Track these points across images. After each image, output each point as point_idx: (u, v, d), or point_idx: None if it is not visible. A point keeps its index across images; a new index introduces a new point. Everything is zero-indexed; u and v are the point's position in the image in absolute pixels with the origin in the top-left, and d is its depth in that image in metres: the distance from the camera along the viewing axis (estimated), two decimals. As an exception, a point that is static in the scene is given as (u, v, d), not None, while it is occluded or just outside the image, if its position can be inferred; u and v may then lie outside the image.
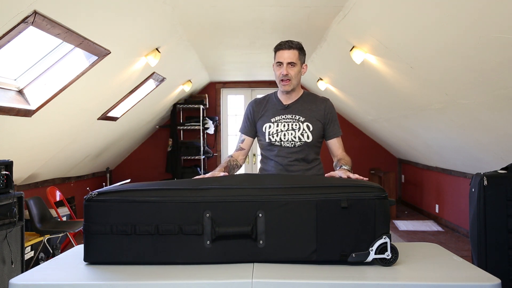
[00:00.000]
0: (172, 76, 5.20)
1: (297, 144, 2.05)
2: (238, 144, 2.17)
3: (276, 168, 2.09)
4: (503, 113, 3.05)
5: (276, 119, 2.08)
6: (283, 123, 2.07)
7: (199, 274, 1.39)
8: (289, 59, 2.01)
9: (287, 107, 2.10)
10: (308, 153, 2.09)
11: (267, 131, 2.07)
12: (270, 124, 2.08)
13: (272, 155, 2.09)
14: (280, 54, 2.02)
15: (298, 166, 2.07)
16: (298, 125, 2.05)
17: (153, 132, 7.48)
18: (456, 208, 5.25)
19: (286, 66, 2.01)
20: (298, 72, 2.06)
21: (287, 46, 2.02)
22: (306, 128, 2.05)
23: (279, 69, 2.04)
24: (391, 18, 2.96)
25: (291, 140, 2.04)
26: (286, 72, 2.01)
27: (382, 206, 1.48)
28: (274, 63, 2.08)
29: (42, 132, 3.76)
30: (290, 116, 2.07)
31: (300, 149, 2.06)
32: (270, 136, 2.06)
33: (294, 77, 2.04)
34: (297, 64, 2.04)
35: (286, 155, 2.06)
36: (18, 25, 2.33)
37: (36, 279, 1.40)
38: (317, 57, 5.03)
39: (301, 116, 2.07)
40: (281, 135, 2.05)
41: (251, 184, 1.57)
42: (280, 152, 2.06)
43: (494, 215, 2.45)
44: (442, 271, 1.43)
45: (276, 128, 2.06)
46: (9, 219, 2.83)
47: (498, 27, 2.24)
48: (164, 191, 1.55)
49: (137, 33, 3.45)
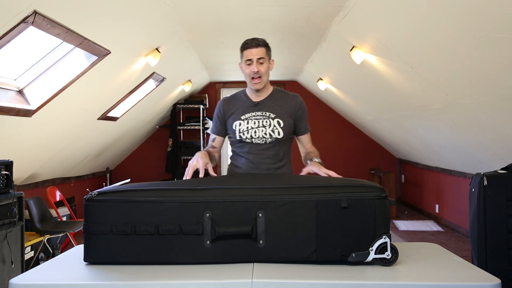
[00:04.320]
0: (172, 76, 5.20)
1: (268, 141, 2.05)
2: (210, 143, 2.16)
3: (247, 165, 2.09)
4: (503, 113, 3.05)
5: (246, 116, 2.08)
6: (253, 120, 2.07)
7: (199, 274, 1.39)
8: (258, 56, 2.02)
9: (257, 104, 2.10)
10: (279, 149, 2.10)
11: (237, 128, 2.07)
12: (241, 122, 2.08)
13: (243, 152, 2.10)
14: (248, 53, 2.02)
15: (269, 164, 2.08)
16: (268, 121, 2.06)
17: (153, 132, 7.48)
18: (456, 208, 5.25)
19: (256, 63, 2.02)
20: (267, 68, 2.07)
21: (254, 44, 2.03)
22: (276, 125, 2.06)
23: (249, 67, 2.04)
24: (391, 18, 2.96)
25: (262, 136, 2.05)
26: (257, 69, 2.02)
27: (382, 206, 1.48)
28: (241, 62, 2.08)
29: (42, 132, 3.76)
30: (260, 113, 2.08)
31: (271, 146, 2.06)
32: (240, 134, 2.06)
33: (264, 74, 2.05)
34: (266, 60, 2.05)
35: (258, 152, 2.06)
36: (18, 25, 2.33)
37: (36, 279, 1.40)
38: (317, 57, 5.03)
39: (272, 113, 2.07)
40: (252, 132, 2.05)
41: (251, 184, 1.57)
42: (251, 149, 2.07)
43: (494, 215, 2.45)
44: (442, 271, 1.43)
45: (247, 126, 2.06)
46: (9, 219, 2.83)
47: (498, 27, 2.24)
48: (164, 191, 1.55)
49: (137, 33, 3.45)
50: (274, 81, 7.45)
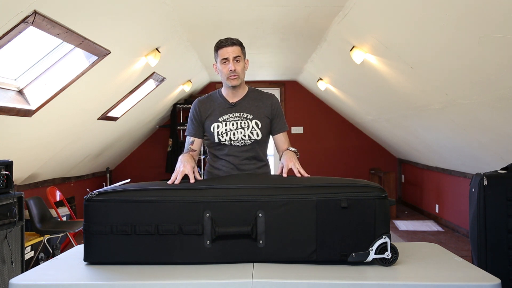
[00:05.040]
0: (172, 76, 5.20)
1: (247, 143, 2.03)
2: (188, 146, 2.10)
3: (227, 167, 2.06)
4: (503, 113, 3.05)
5: (224, 118, 2.04)
6: (231, 121, 2.03)
7: (199, 274, 1.40)
8: (234, 54, 1.99)
9: (234, 105, 2.06)
10: (259, 150, 2.08)
11: (216, 131, 2.03)
12: (219, 124, 2.03)
13: (222, 154, 2.07)
14: (224, 51, 1.99)
15: (249, 165, 2.06)
16: (247, 123, 2.03)
17: (153, 132, 7.49)
18: (456, 208, 5.25)
19: (233, 61, 1.99)
20: (243, 67, 2.04)
21: (230, 43, 1.99)
22: (255, 126, 2.03)
23: (225, 66, 2.00)
24: (391, 18, 2.96)
25: (241, 139, 2.02)
26: (233, 68, 1.98)
27: (382, 206, 1.48)
28: (217, 62, 2.04)
29: (42, 132, 3.76)
30: (238, 114, 2.05)
31: (251, 147, 2.05)
32: (219, 136, 2.03)
33: (241, 72, 2.02)
34: (241, 59, 2.02)
35: (237, 154, 2.04)
36: (18, 25, 2.33)
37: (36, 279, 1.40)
38: (317, 57, 5.03)
39: (249, 114, 2.05)
40: (231, 134, 2.02)
41: (251, 184, 1.57)
42: (231, 151, 2.04)
43: (494, 215, 2.45)
44: (442, 271, 1.43)
45: (225, 128, 2.03)
46: (9, 219, 2.83)
47: (498, 27, 2.24)
48: (164, 191, 1.55)
49: (137, 33, 3.45)
50: (274, 81, 7.46)
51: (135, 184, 1.68)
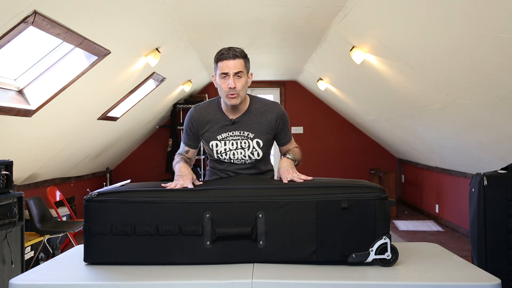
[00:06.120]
0: (172, 76, 5.20)
1: (247, 162, 1.93)
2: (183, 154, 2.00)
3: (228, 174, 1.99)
4: (503, 113, 3.05)
5: (223, 136, 1.89)
6: (231, 141, 1.89)
7: (199, 274, 1.40)
8: (236, 69, 1.78)
9: (234, 122, 1.89)
10: (261, 165, 1.99)
11: (215, 149, 1.91)
12: (217, 142, 1.90)
13: (221, 168, 1.98)
14: (224, 65, 1.78)
15: None
16: (247, 143, 1.89)
17: (153, 132, 7.48)
18: (456, 208, 5.25)
19: (233, 77, 1.78)
20: (245, 83, 1.83)
21: (232, 55, 1.78)
22: (256, 146, 1.89)
23: (225, 81, 1.79)
24: (391, 18, 2.96)
25: (241, 159, 1.91)
26: (233, 85, 1.77)
27: (382, 206, 1.48)
28: (216, 74, 1.84)
29: (42, 132, 3.76)
30: (238, 133, 1.89)
31: (251, 165, 1.94)
32: (218, 155, 1.91)
33: (241, 89, 1.81)
34: (244, 74, 1.82)
35: (237, 171, 1.95)
36: (18, 25, 2.33)
37: (36, 279, 1.40)
38: (317, 57, 5.03)
39: (250, 132, 1.89)
40: (230, 154, 1.90)
41: (251, 185, 1.58)
42: (230, 167, 1.95)
43: (494, 215, 2.45)
44: (442, 271, 1.43)
45: (224, 147, 1.89)
46: (9, 219, 2.83)
47: (498, 27, 2.24)
48: (164, 191, 1.55)
49: (137, 33, 3.45)
50: (274, 81, 7.46)
51: (135, 184, 1.68)
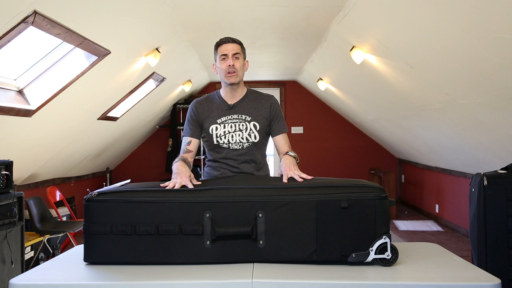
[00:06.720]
0: (172, 76, 5.20)
1: (245, 146, 2.02)
2: (185, 147, 2.06)
3: (225, 169, 2.05)
4: (503, 113, 3.05)
5: (222, 120, 2.04)
6: (230, 124, 2.03)
7: (199, 274, 1.40)
8: (234, 51, 2.00)
9: (233, 107, 2.05)
10: (257, 153, 2.07)
11: (214, 133, 2.03)
12: (217, 126, 2.03)
13: (220, 157, 2.06)
14: (224, 48, 2.00)
15: (248, 168, 2.05)
16: (245, 125, 2.02)
17: (153, 132, 7.49)
18: (456, 208, 5.25)
19: (232, 58, 1.99)
20: (242, 65, 2.04)
21: (230, 40, 2.01)
22: (253, 128, 2.03)
23: (224, 62, 2.00)
24: (391, 18, 2.96)
25: (239, 141, 2.02)
26: (232, 63, 1.98)
27: (382, 206, 1.48)
28: (216, 60, 2.05)
29: (42, 132, 3.76)
30: (236, 116, 2.04)
31: (248, 150, 2.03)
32: (218, 138, 2.02)
33: (239, 69, 2.01)
34: (241, 57, 2.02)
35: (235, 157, 2.03)
36: (18, 25, 2.33)
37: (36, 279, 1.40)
38: (317, 57, 5.03)
39: (248, 116, 2.04)
40: (229, 137, 2.02)
41: (251, 184, 1.58)
42: (228, 155, 2.03)
43: (494, 215, 2.45)
44: (442, 271, 1.43)
45: (224, 130, 2.02)
46: (9, 219, 2.83)
47: (498, 27, 2.24)
48: (164, 191, 1.55)
49: (137, 33, 3.45)
50: (274, 81, 7.46)
51: (135, 184, 1.68)
